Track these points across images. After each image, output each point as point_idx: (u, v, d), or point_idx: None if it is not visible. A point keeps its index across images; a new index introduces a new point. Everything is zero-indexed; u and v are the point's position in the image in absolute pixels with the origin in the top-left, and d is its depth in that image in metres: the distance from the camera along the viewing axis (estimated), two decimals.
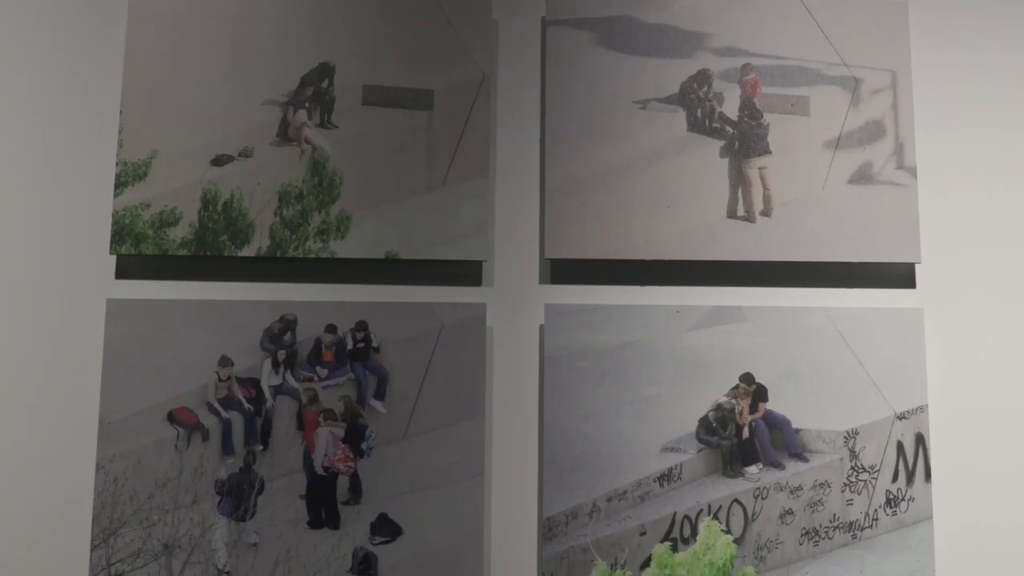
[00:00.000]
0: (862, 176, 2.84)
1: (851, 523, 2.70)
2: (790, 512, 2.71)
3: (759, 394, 2.76)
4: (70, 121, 2.89)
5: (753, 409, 2.75)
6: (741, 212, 2.82)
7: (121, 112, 2.83)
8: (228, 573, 2.67)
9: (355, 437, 2.74)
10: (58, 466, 2.74)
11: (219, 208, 2.81)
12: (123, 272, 2.83)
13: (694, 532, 2.70)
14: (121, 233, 2.79)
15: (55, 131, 2.89)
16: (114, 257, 2.83)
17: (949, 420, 2.78)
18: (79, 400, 2.76)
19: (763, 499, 2.72)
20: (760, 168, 2.84)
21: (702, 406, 2.75)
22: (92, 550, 2.67)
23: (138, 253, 2.78)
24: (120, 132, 2.82)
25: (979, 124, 2.91)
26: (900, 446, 2.73)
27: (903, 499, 2.71)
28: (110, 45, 2.90)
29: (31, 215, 2.85)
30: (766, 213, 2.82)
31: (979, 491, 2.76)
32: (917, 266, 2.83)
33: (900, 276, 2.84)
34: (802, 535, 2.70)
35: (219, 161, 2.83)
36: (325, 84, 2.87)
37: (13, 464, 2.75)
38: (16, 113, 2.89)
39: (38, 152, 2.88)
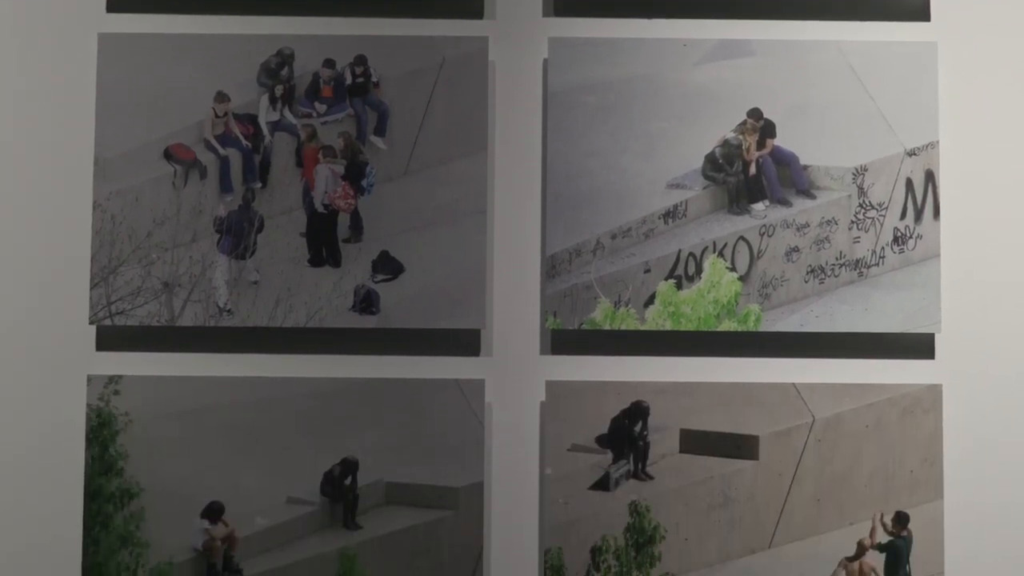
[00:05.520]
0: None
1: (857, 261, 2.47)
2: (796, 249, 2.48)
3: (767, 130, 2.49)
4: None
5: (760, 145, 2.49)
6: None
7: None
8: (229, 311, 2.45)
9: (355, 174, 2.48)
10: (55, 204, 2.50)
11: None
12: (114, 5, 2.54)
13: (699, 269, 2.47)
14: None
15: None
16: None
17: (960, 157, 2.52)
18: (73, 138, 2.50)
19: (769, 236, 2.48)
20: None
21: (708, 142, 2.49)
22: (92, 288, 2.44)
23: None
24: None
25: None
26: (909, 183, 2.48)
27: (911, 236, 2.47)
28: None
29: None
30: None
31: (987, 229, 2.52)
32: None
33: (914, 8, 2.55)
34: (808, 273, 2.47)
35: None
36: None
37: (10, 200, 2.51)
38: None
39: None
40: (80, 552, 2.41)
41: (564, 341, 2.49)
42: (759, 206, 2.49)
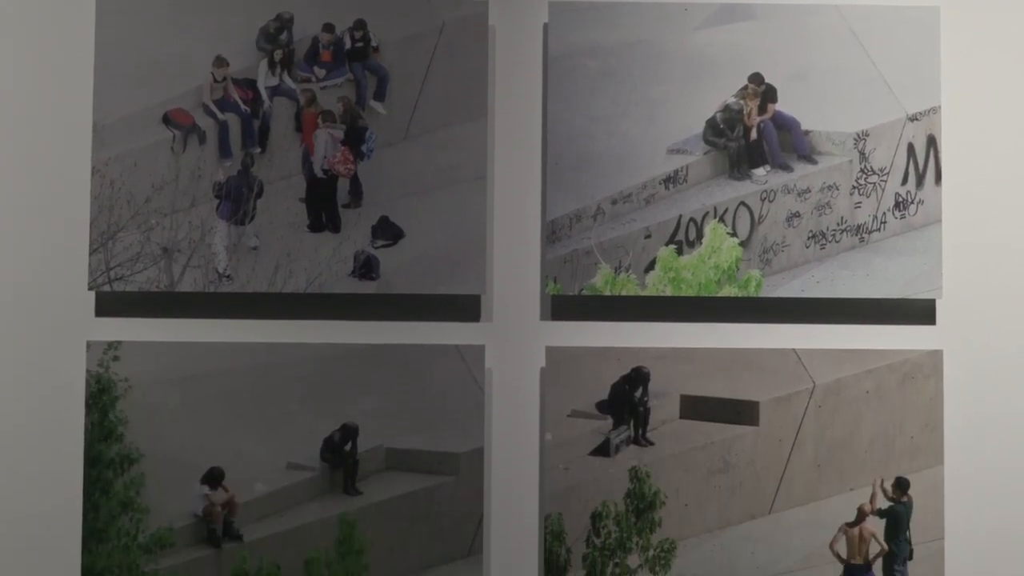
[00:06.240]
0: None
1: (859, 226, 2.45)
2: (797, 215, 2.45)
3: (768, 94, 2.46)
4: None
5: (762, 110, 2.46)
6: None
7: None
8: (228, 276, 2.43)
9: (355, 139, 2.45)
10: (53, 170, 2.47)
11: None
12: None
13: (699, 235, 2.44)
14: None
15: None
16: None
17: (961, 122, 2.49)
18: (72, 103, 2.47)
19: (770, 202, 2.45)
20: None
21: (710, 107, 2.46)
22: (91, 254, 2.41)
23: None
24: None
25: None
26: (911, 148, 2.45)
27: (912, 202, 2.45)
28: None
29: None
30: None
31: (989, 194, 2.49)
32: None
33: None
34: (809, 238, 2.45)
35: None
36: None
37: (9, 166, 2.48)
38: None
39: None
40: (80, 517, 2.39)
41: (564, 307, 2.47)
42: (760, 171, 2.46)
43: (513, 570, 2.44)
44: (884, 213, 2.45)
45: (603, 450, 2.42)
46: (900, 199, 2.45)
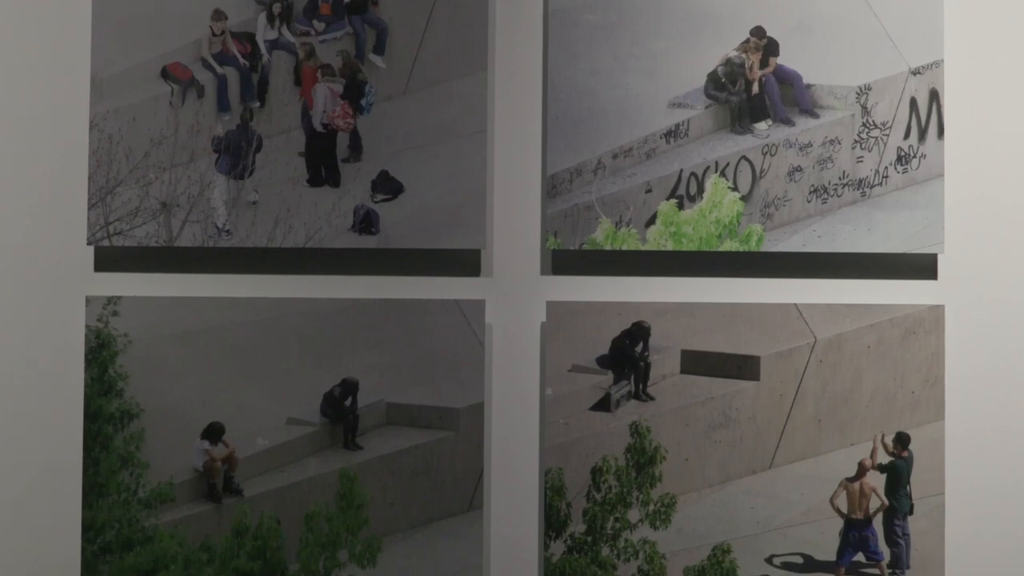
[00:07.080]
0: None
1: (860, 180, 2.43)
2: (799, 169, 2.43)
3: (770, 48, 2.43)
4: None
5: (763, 64, 2.44)
6: None
7: None
8: (228, 231, 2.41)
9: (354, 93, 2.43)
10: (51, 124, 2.45)
11: None
12: None
13: (700, 189, 2.43)
14: None
15: None
16: None
17: (965, 76, 2.46)
18: (70, 57, 2.45)
19: (771, 156, 2.43)
20: None
21: (711, 61, 2.43)
22: (89, 209, 2.40)
23: None
24: None
25: None
26: (913, 102, 2.43)
27: (914, 156, 2.43)
28: None
29: None
30: None
31: (992, 149, 2.46)
32: None
33: None
34: (810, 192, 2.43)
35: None
36: None
37: (6, 121, 2.46)
38: None
39: None
40: (80, 473, 2.38)
41: (565, 261, 2.45)
42: (762, 125, 2.44)
43: (513, 525, 2.43)
44: (886, 167, 2.43)
45: (604, 405, 2.41)
46: (902, 153, 2.43)
